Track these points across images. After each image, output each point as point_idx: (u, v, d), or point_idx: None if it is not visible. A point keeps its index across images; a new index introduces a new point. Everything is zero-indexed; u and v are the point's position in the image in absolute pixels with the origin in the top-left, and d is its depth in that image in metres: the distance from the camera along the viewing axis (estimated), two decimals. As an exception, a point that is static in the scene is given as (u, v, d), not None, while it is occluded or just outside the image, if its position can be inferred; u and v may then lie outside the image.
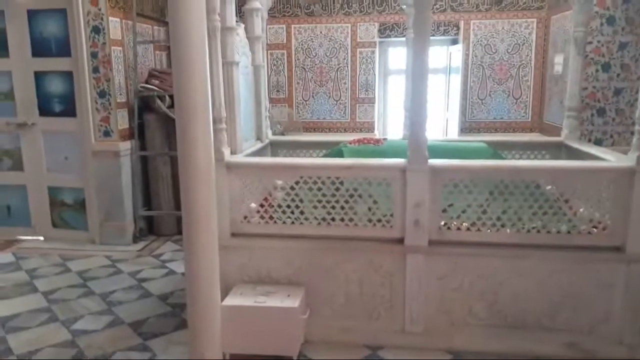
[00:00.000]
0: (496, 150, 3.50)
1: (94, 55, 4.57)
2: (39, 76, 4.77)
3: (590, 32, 4.49)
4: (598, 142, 4.72)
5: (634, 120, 2.75)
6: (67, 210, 4.96)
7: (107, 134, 4.68)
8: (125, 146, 4.76)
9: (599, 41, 4.73)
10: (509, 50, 6.04)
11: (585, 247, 2.80)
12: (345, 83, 6.42)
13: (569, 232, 2.82)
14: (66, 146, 4.83)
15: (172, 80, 2.31)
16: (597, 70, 4.78)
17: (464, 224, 2.90)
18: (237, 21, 3.21)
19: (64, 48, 4.65)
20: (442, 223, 2.90)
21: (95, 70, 4.60)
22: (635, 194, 2.69)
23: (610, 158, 3.03)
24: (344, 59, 6.36)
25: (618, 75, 4.77)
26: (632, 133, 2.79)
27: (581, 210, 2.97)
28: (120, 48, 4.71)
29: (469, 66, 6.10)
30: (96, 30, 4.51)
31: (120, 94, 4.72)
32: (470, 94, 6.17)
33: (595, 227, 2.81)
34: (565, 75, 4.75)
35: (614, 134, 4.85)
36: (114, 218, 4.79)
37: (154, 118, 4.93)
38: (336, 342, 2.97)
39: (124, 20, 4.75)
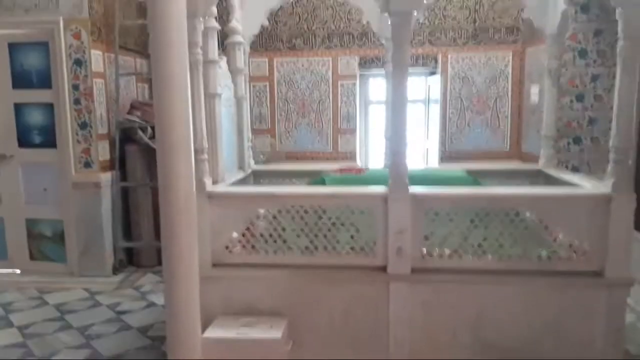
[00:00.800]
0: (476, 178, 3.55)
1: (75, 87, 4.57)
2: (19, 108, 4.75)
3: (563, 64, 4.63)
4: (575, 170, 4.82)
5: (608, 148, 2.83)
6: (46, 243, 4.87)
7: (87, 165, 4.65)
8: (106, 177, 4.73)
9: (572, 73, 4.88)
10: (486, 82, 6.19)
11: (565, 273, 2.83)
12: (327, 114, 6.49)
13: (549, 258, 2.85)
14: (45, 178, 4.78)
15: (153, 112, 2.32)
16: (571, 101, 4.92)
17: (446, 251, 2.91)
18: (219, 54, 3.26)
19: (45, 80, 4.65)
20: (424, 251, 2.91)
21: (77, 102, 4.59)
22: (612, 220, 2.74)
23: (587, 185, 3.09)
24: (326, 91, 6.45)
25: (592, 105, 4.92)
26: (608, 161, 2.86)
27: (560, 236, 3.01)
28: (102, 80, 4.72)
29: (447, 97, 6.23)
30: (78, 62, 4.53)
31: (102, 126, 4.71)
32: (449, 124, 6.28)
33: (575, 252, 2.85)
34: (541, 105, 4.87)
35: (590, 162, 4.96)
36: (93, 250, 4.71)
37: (135, 149, 4.91)
38: (320, 374, 2.92)
39: (106, 53, 4.78)
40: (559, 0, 3.54)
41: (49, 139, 4.73)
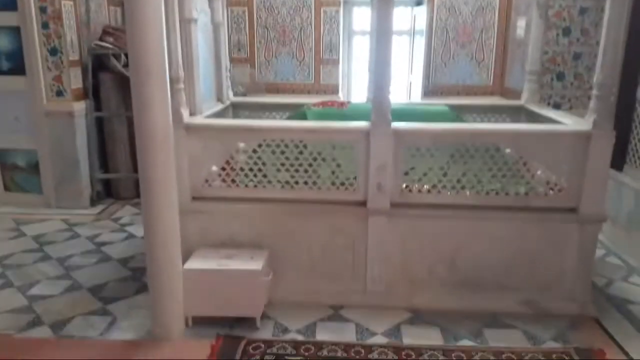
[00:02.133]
0: (458, 113, 3.52)
1: (42, 9, 4.31)
2: (-19, 31, 4.48)
3: (552, -5, 4.52)
4: (557, 106, 4.81)
5: (591, 84, 2.81)
6: (20, 173, 4.76)
7: (59, 93, 4.47)
8: (80, 106, 4.57)
9: (560, 5, 4.77)
10: (473, 13, 6.03)
11: (541, 209, 2.89)
12: (308, 43, 6.30)
13: (526, 194, 2.89)
14: (16, 106, 4.59)
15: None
16: (557, 35, 4.83)
17: (425, 186, 2.93)
18: (195, -24, 3.06)
19: (9, 1, 4.35)
20: (404, 186, 2.92)
21: (45, 25, 4.35)
22: (591, 157, 2.77)
23: (568, 122, 3.10)
24: (308, 17, 6.22)
25: (578, 39, 4.84)
26: (589, 98, 2.85)
27: (539, 172, 3.04)
28: (71, 2, 4.46)
29: (433, 28, 6.07)
30: (44, -18, 4.25)
31: (73, 52, 4.50)
32: (434, 56, 6.17)
33: (552, 189, 2.89)
34: (527, 39, 4.78)
35: (572, 98, 4.95)
36: (69, 181, 4.64)
37: (109, 77, 4.73)
38: (299, 303, 2.99)
39: (74, -27, 4.48)
40: None
41: (18, 66, 4.50)
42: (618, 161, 3.66)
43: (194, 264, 2.82)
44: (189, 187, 2.93)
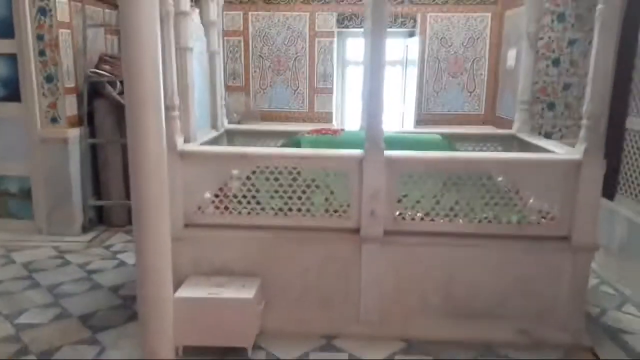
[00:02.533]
0: (450, 142, 3.56)
1: (40, 37, 4.35)
2: (-21, 58, 4.51)
3: (541, 28, 4.60)
4: (548, 135, 4.87)
5: (581, 114, 2.85)
6: (12, 200, 4.73)
7: (54, 120, 4.49)
8: (74, 133, 4.58)
9: (549, 37, 4.87)
10: (464, 44, 6.15)
11: (534, 237, 2.89)
12: (303, 72, 6.38)
13: (519, 223, 2.90)
14: (10, 133, 4.59)
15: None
16: (547, 66, 4.92)
17: (418, 214, 2.94)
18: (192, 6, 3.12)
19: (7, 29, 4.40)
20: (397, 213, 2.92)
21: (42, 53, 4.38)
22: (582, 186, 2.79)
23: (558, 151, 3.13)
24: (302, 48, 6.32)
25: (567, 70, 4.93)
26: (580, 127, 2.89)
27: (531, 201, 3.06)
28: (68, 31, 4.51)
29: (425, 59, 6.17)
30: (42, 11, 4.30)
31: (69, 79, 4.53)
32: (426, 86, 6.25)
33: (544, 217, 2.90)
34: (517, 70, 4.86)
35: (562, 128, 5.02)
36: (62, 207, 4.61)
37: (104, 104, 4.75)
38: (292, 333, 2.95)
39: (72, 2, 4.54)
40: (540, -38, 3.48)
41: (13, 92, 4.52)
42: (609, 190, 3.69)
43: (185, 292, 2.79)
44: (181, 214, 2.93)
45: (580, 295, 2.91)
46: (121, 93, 4.59)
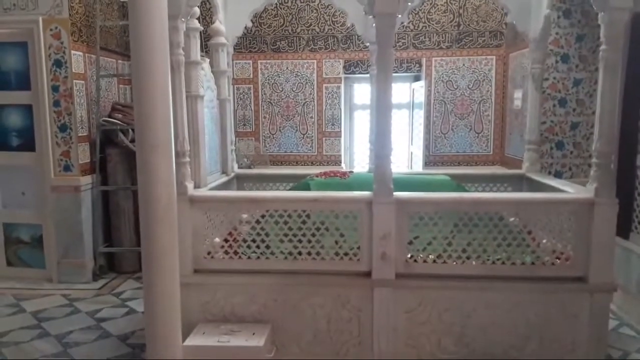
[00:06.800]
0: (459, 183, 3.55)
1: (55, 88, 4.48)
2: (-4, 110, 4.64)
3: (546, 68, 4.66)
4: (558, 175, 4.84)
5: (590, 153, 2.84)
6: (23, 248, 4.76)
7: (67, 168, 4.55)
8: (86, 181, 4.64)
9: (554, 77, 4.92)
10: (470, 86, 6.22)
11: (549, 278, 2.83)
12: (311, 117, 6.46)
13: (533, 263, 2.85)
14: (24, 181, 4.67)
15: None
16: (554, 105, 4.95)
17: (430, 256, 2.90)
18: (202, 55, 3.21)
19: (24, 81, 4.55)
20: (409, 256, 2.89)
21: (56, 103, 4.50)
22: (595, 225, 2.75)
23: (570, 190, 3.10)
24: (310, 93, 6.42)
25: (574, 110, 4.96)
26: (589, 165, 2.87)
27: (544, 241, 3.01)
28: (82, 82, 4.64)
29: (431, 101, 6.24)
30: (58, 63, 4.44)
31: (82, 128, 4.62)
32: (433, 128, 6.29)
33: (558, 258, 2.85)
34: (524, 110, 4.90)
35: (572, 167, 5.00)
36: (73, 255, 4.62)
37: (116, 152, 4.83)
38: (303, 381, 2.88)
39: (87, 54, 4.69)
40: (541, 5, 3.56)
41: (28, 142, 4.63)
42: (624, 228, 3.63)
43: (194, 340, 2.74)
44: (191, 259, 2.92)
45: (600, 337, 2.82)
46: (133, 141, 4.67)
